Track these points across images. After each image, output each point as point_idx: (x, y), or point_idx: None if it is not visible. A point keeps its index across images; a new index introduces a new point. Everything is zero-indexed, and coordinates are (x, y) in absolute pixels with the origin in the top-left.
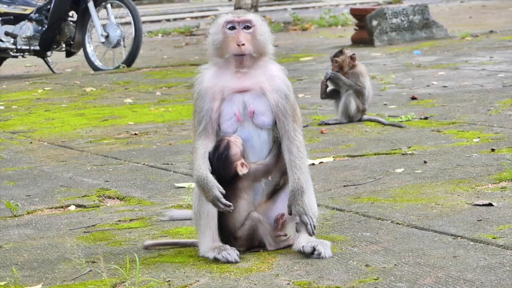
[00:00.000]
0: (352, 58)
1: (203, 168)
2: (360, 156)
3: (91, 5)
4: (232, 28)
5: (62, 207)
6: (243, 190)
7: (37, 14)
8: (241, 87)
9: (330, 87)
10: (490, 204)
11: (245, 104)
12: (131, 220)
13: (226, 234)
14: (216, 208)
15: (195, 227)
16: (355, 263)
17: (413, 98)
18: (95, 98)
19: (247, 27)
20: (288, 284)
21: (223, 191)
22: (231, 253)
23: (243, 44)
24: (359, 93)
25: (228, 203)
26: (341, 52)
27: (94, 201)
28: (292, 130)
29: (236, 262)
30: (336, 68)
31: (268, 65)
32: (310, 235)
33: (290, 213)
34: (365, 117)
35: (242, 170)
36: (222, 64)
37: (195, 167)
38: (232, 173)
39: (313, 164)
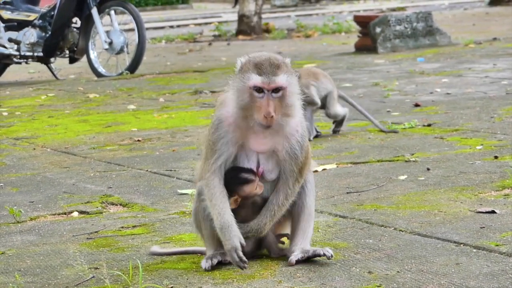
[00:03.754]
0: (299, 77)
1: (227, 214)
2: (363, 163)
3: (94, 11)
4: (260, 91)
5: (65, 213)
6: (251, 203)
7: (40, 21)
8: (259, 149)
9: None
10: (493, 212)
11: (258, 162)
12: (134, 226)
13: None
14: (230, 258)
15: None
16: (358, 270)
17: (417, 105)
18: (98, 105)
19: (277, 90)
20: None
21: (244, 243)
22: (209, 261)
23: (272, 117)
24: (312, 104)
25: (244, 258)
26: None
27: (97, 207)
28: (291, 184)
29: (206, 270)
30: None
31: (289, 121)
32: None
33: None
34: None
35: (257, 191)
36: (247, 114)
37: (217, 210)
38: (248, 191)
39: (316, 171)
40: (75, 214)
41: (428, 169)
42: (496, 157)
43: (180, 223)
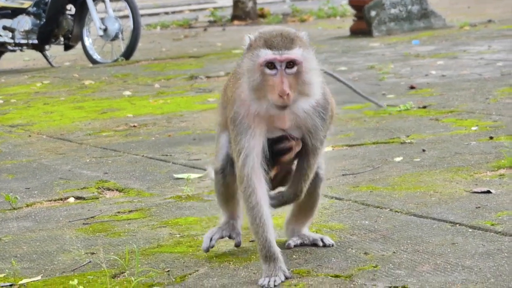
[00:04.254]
0: None
1: (273, 242)
2: (358, 145)
3: None
4: (273, 66)
5: (61, 199)
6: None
7: (35, 8)
8: (283, 127)
9: None
10: (489, 192)
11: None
12: (130, 211)
13: None
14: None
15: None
16: (354, 251)
17: (412, 88)
18: (93, 91)
19: (291, 65)
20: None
21: (289, 275)
22: (206, 240)
23: (287, 95)
24: None
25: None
26: None
27: (93, 193)
28: (318, 145)
29: (205, 251)
30: None
31: (309, 101)
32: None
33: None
34: None
35: (296, 150)
36: (260, 96)
37: (260, 235)
38: (288, 158)
39: None
40: (71, 199)
41: (423, 150)
42: (491, 138)
43: (176, 207)
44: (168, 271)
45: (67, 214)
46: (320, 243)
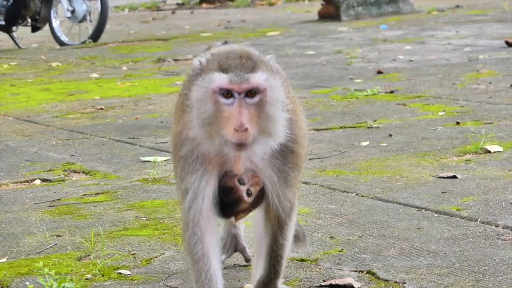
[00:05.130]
0: None
1: None
2: (325, 129)
3: None
4: (229, 95)
5: (27, 181)
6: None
7: None
8: (238, 172)
9: None
10: (455, 177)
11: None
12: (96, 194)
13: None
14: None
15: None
16: (320, 235)
17: (379, 72)
18: (61, 73)
19: (252, 94)
20: (253, 255)
21: None
22: None
23: (246, 130)
24: None
25: None
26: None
27: (60, 175)
28: (287, 210)
29: None
30: None
31: (271, 142)
32: None
33: None
34: None
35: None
36: (212, 132)
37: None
38: (243, 208)
39: None
40: (37, 182)
41: (390, 135)
42: (458, 123)
43: (143, 190)
44: (134, 254)
45: (33, 196)
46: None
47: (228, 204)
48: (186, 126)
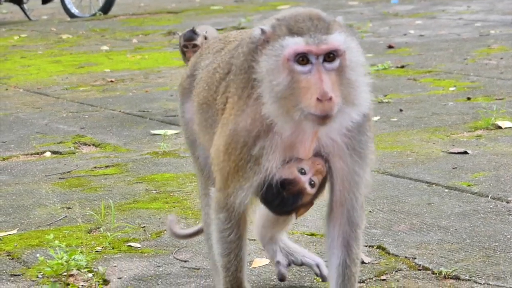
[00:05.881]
0: (206, 38)
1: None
2: None
3: None
4: (305, 61)
5: (37, 153)
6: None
7: None
8: (307, 156)
9: None
10: (465, 152)
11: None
12: (106, 166)
13: None
14: None
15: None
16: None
17: (390, 47)
18: (71, 45)
19: (330, 57)
20: None
21: None
22: None
23: (330, 98)
24: None
25: None
26: (195, 33)
27: (70, 147)
28: (358, 214)
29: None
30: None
31: (354, 112)
32: None
33: None
34: None
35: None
36: (289, 106)
37: (230, 281)
38: (305, 207)
39: None
40: (48, 154)
41: (401, 110)
42: (468, 99)
43: (153, 163)
44: (144, 227)
45: (43, 168)
46: (317, 270)
47: (288, 199)
48: (258, 116)
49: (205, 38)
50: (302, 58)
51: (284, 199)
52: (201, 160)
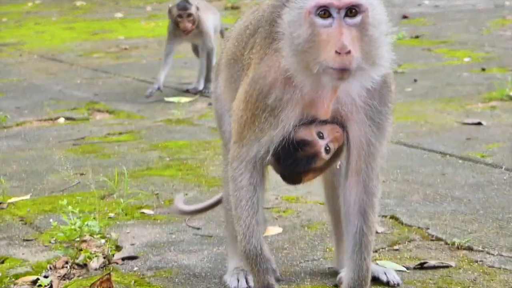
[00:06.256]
0: (198, 8)
1: (255, 236)
2: None
3: None
4: (327, 15)
5: (51, 119)
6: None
7: None
8: (325, 116)
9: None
10: (480, 123)
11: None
12: (120, 133)
13: None
14: None
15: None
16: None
17: (405, 17)
18: (85, 12)
19: (353, 13)
20: (276, 199)
21: (279, 276)
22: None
23: (349, 52)
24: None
25: None
26: (188, 2)
27: (83, 114)
28: (374, 178)
29: None
30: (189, 26)
31: (375, 71)
32: None
33: None
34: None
35: (324, 156)
36: (309, 60)
37: (242, 228)
38: (317, 171)
39: None
40: (61, 120)
41: (415, 80)
42: (483, 69)
43: (166, 130)
44: (157, 193)
45: (57, 134)
46: (384, 278)
47: (301, 160)
48: (275, 66)
49: (198, 9)
50: (324, 11)
51: (297, 159)
52: (227, 135)
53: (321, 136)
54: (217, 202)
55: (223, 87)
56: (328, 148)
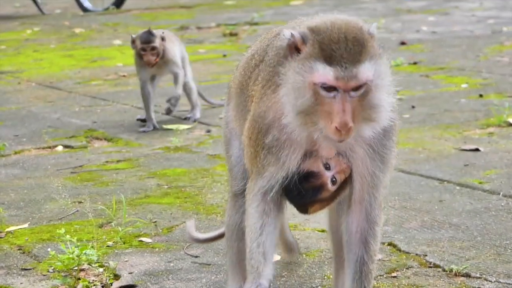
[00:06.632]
0: (163, 39)
1: (256, 259)
2: None
3: None
4: (332, 89)
5: (49, 147)
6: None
7: None
8: (327, 155)
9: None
10: (477, 149)
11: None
12: (118, 161)
13: None
14: None
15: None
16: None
17: (403, 43)
18: (84, 39)
19: (357, 88)
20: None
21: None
22: None
23: (349, 128)
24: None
25: None
26: (152, 34)
27: (82, 142)
28: (376, 211)
29: None
30: (153, 59)
31: (372, 128)
32: None
33: None
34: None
35: (330, 187)
36: (307, 121)
37: (247, 253)
38: (324, 202)
39: None
40: (60, 148)
41: (413, 106)
42: (481, 96)
43: (165, 158)
44: (155, 222)
45: (55, 162)
46: None
47: (307, 191)
48: (273, 107)
49: (163, 39)
50: (329, 87)
51: (303, 190)
52: (233, 160)
53: (327, 168)
54: None
55: (233, 112)
56: (334, 179)
